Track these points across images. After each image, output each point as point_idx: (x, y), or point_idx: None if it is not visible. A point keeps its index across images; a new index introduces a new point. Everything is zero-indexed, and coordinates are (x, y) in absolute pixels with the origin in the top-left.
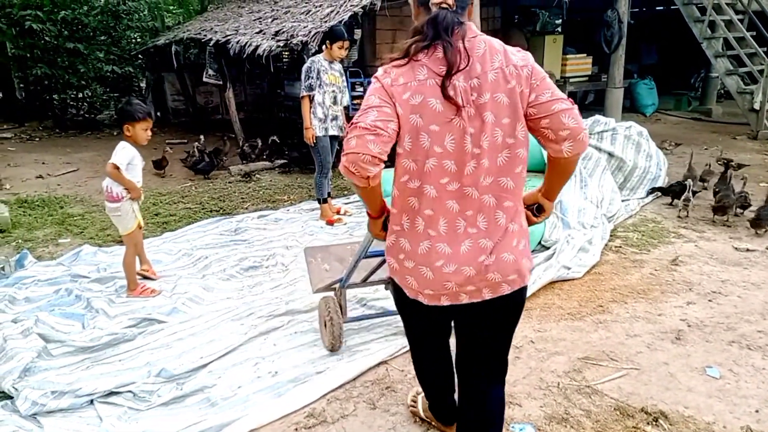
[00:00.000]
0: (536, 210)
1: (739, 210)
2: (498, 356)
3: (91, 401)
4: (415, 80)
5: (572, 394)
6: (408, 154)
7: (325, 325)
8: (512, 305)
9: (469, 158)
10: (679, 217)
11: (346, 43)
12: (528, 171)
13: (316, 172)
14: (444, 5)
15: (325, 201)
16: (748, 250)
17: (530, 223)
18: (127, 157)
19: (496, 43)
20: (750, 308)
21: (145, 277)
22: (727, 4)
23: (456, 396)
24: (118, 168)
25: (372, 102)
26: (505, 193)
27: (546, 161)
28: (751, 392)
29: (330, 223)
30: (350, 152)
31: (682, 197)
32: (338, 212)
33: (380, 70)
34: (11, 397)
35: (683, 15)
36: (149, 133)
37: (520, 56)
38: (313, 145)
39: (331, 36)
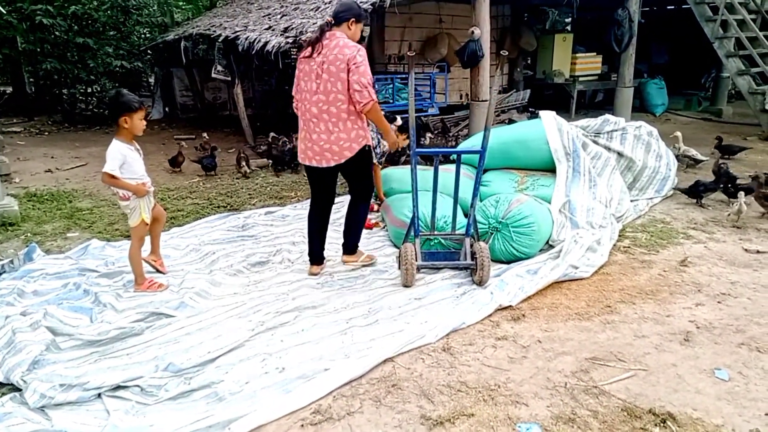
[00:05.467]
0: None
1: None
2: (355, 186)
3: (99, 395)
4: (302, 61)
5: (579, 394)
6: (295, 92)
7: (404, 266)
8: (343, 166)
9: (314, 94)
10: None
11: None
12: (536, 170)
13: None
14: (328, 20)
15: None
16: (758, 251)
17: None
18: (118, 160)
19: (341, 41)
20: (760, 310)
21: (158, 270)
22: (740, 3)
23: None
24: (112, 176)
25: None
26: (333, 116)
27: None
28: (760, 395)
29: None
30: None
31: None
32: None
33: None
34: (20, 390)
35: (695, 14)
36: (144, 122)
37: (350, 51)
38: None
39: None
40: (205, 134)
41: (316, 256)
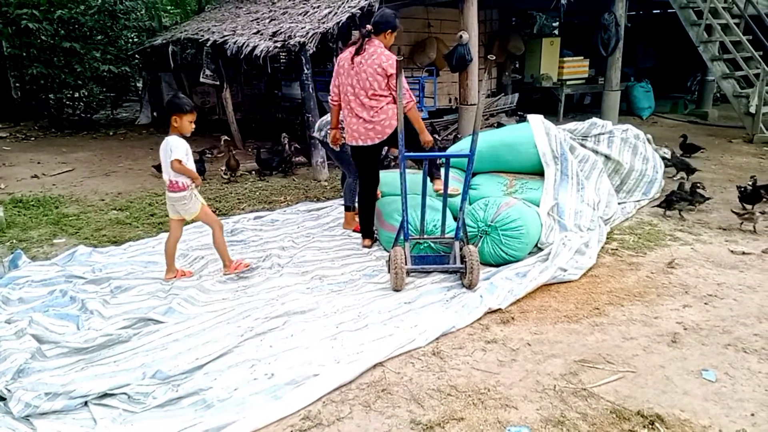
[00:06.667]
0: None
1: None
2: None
3: (85, 403)
4: (344, 59)
5: (568, 397)
6: (335, 85)
7: (394, 270)
8: (376, 147)
9: (356, 89)
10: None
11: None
12: (525, 173)
13: (350, 176)
14: (366, 29)
15: (354, 209)
16: (744, 253)
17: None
18: (183, 148)
19: (378, 50)
20: (746, 311)
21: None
22: (724, 8)
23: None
24: (180, 162)
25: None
26: (370, 107)
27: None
28: (746, 395)
29: (357, 230)
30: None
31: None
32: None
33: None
34: (4, 399)
35: (680, 18)
36: (193, 125)
37: (386, 61)
38: (338, 149)
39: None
40: (225, 137)
41: (366, 231)
